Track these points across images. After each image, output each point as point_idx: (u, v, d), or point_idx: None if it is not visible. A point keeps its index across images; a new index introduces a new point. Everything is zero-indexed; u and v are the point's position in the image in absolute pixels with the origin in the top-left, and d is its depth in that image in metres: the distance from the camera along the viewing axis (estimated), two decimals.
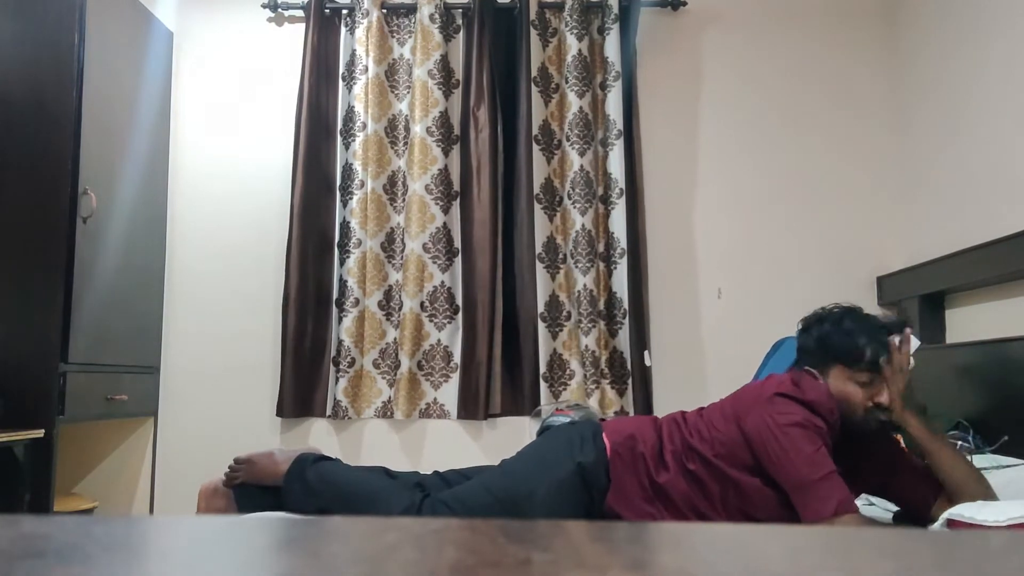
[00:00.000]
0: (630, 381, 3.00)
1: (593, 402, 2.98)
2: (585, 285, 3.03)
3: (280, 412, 3.01)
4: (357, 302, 3.05)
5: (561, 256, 3.12)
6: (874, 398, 1.80)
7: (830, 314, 1.92)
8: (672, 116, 3.23)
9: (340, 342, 3.03)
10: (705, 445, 1.82)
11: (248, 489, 1.98)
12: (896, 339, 1.82)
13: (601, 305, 3.07)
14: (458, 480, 2.00)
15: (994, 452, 2.10)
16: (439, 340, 3.08)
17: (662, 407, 3.01)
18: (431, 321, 3.08)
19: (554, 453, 1.88)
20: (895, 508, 1.95)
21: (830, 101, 3.23)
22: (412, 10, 3.20)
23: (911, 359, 1.82)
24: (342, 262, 3.09)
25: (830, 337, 1.87)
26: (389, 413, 3.05)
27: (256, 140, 3.22)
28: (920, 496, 1.83)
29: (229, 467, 1.98)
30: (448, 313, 3.10)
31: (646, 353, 3.01)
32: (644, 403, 3.00)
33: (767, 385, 1.84)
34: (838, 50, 3.24)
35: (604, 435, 1.90)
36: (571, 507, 1.81)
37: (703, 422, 1.87)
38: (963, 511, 1.52)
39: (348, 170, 3.13)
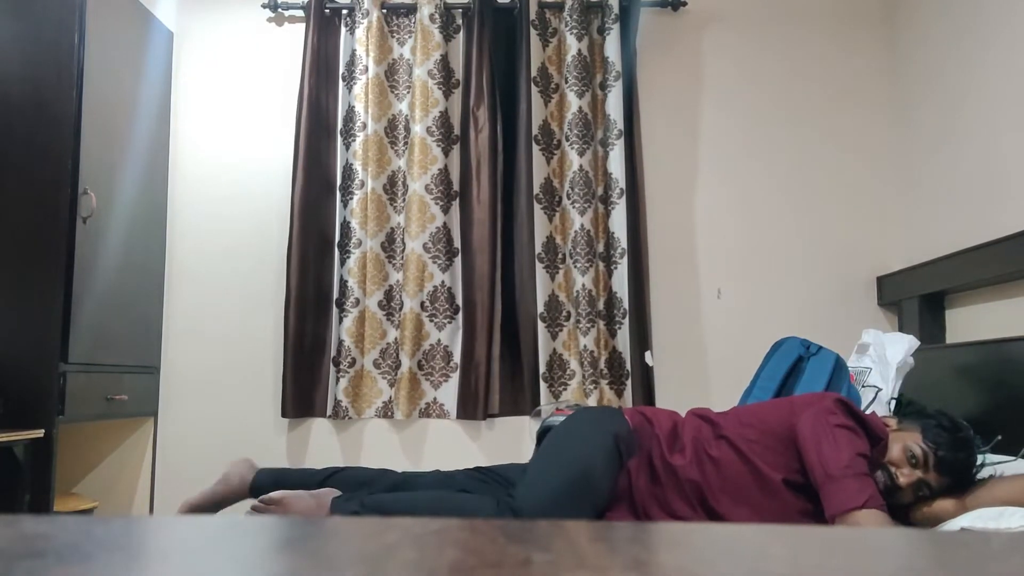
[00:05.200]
0: (629, 381, 3.00)
1: (592, 402, 2.99)
2: (584, 285, 3.03)
3: (284, 413, 3.01)
4: (357, 302, 3.05)
5: (560, 256, 3.12)
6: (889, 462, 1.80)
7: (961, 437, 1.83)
8: (672, 116, 3.23)
9: (340, 342, 3.03)
10: (743, 430, 1.86)
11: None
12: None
13: (600, 305, 3.07)
14: (490, 477, 2.06)
15: (990, 451, 2.10)
16: (439, 340, 3.08)
17: (665, 407, 3.01)
18: (431, 321, 3.08)
19: (590, 427, 1.93)
20: None
21: (830, 101, 3.23)
22: (412, 10, 3.20)
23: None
24: (342, 262, 3.09)
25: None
26: (389, 413, 3.05)
27: (256, 140, 3.22)
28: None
29: (254, 507, 1.92)
30: (448, 313, 3.10)
31: (648, 353, 3.01)
32: (645, 403, 3.00)
33: (828, 393, 1.89)
34: (838, 50, 3.25)
35: (626, 416, 1.99)
36: (614, 476, 1.87)
37: (745, 413, 1.92)
38: (977, 522, 1.51)
39: (348, 170, 3.13)
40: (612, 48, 3.12)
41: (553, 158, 3.17)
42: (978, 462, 1.81)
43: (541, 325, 3.05)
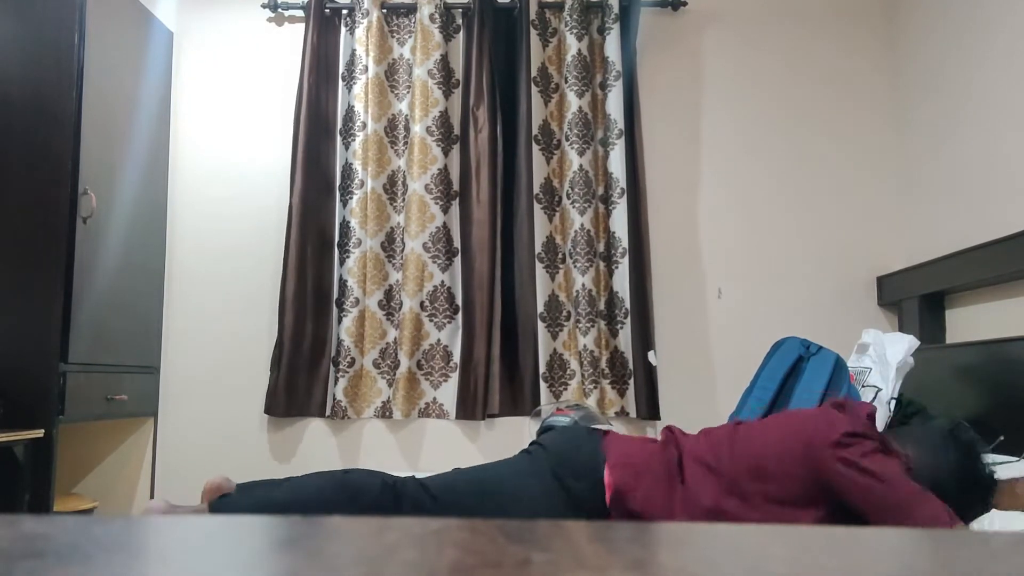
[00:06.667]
0: (631, 381, 3.00)
1: (593, 402, 2.98)
2: (584, 285, 3.03)
3: (269, 411, 3.01)
4: (357, 302, 3.05)
5: (560, 256, 3.12)
6: None
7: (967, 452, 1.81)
8: (673, 116, 3.24)
9: (340, 342, 3.03)
10: (764, 486, 1.73)
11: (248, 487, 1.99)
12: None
13: (601, 305, 3.07)
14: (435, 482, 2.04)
15: (991, 452, 2.10)
16: (439, 340, 3.08)
17: (666, 407, 3.01)
18: (431, 321, 3.08)
19: (542, 470, 1.84)
20: None
21: (830, 100, 3.23)
22: (412, 10, 3.20)
23: None
24: (342, 262, 3.09)
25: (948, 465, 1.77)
26: (388, 413, 3.04)
27: (256, 140, 3.22)
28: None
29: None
30: (448, 313, 3.10)
31: (651, 353, 3.01)
32: (648, 403, 3.00)
33: (833, 424, 1.74)
34: (838, 49, 3.25)
35: (607, 468, 1.82)
36: (541, 505, 1.80)
37: (754, 460, 1.76)
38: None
39: (348, 170, 3.13)
40: (612, 48, 3.11)
41: (553, 158, 3.17)
42: (984, 471, 1.78)
43: (541, 325, 3.05)
